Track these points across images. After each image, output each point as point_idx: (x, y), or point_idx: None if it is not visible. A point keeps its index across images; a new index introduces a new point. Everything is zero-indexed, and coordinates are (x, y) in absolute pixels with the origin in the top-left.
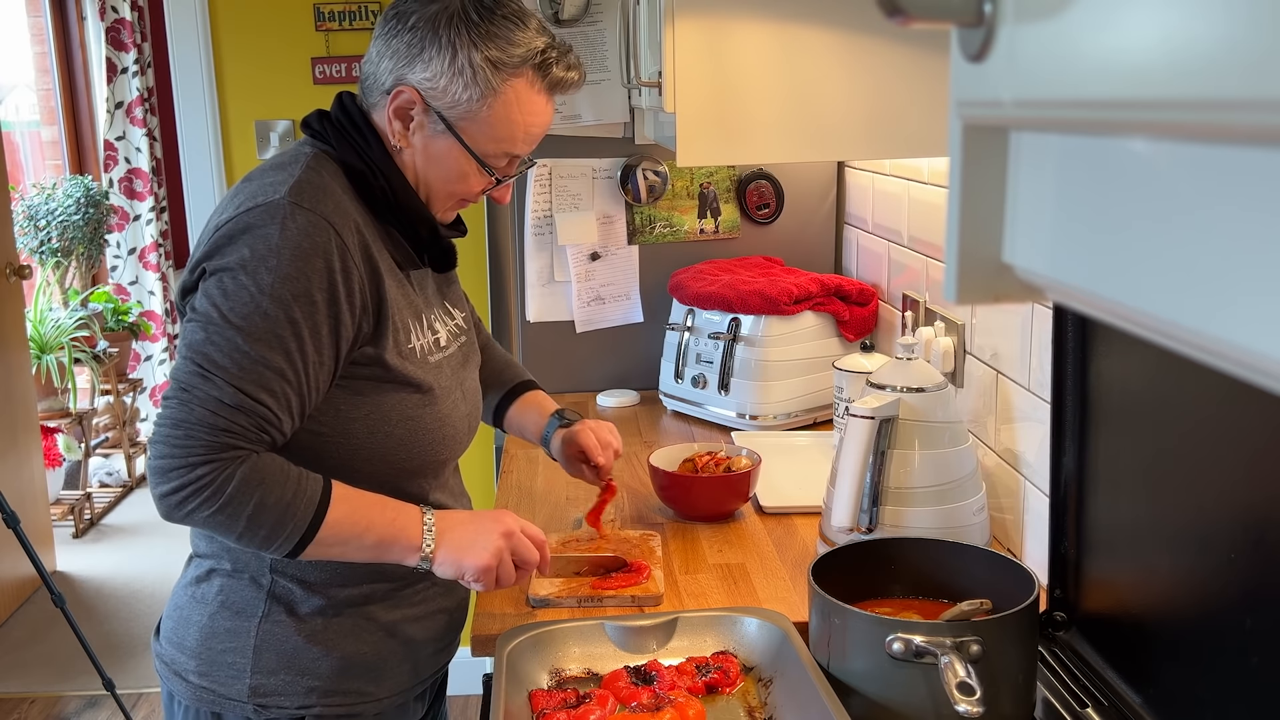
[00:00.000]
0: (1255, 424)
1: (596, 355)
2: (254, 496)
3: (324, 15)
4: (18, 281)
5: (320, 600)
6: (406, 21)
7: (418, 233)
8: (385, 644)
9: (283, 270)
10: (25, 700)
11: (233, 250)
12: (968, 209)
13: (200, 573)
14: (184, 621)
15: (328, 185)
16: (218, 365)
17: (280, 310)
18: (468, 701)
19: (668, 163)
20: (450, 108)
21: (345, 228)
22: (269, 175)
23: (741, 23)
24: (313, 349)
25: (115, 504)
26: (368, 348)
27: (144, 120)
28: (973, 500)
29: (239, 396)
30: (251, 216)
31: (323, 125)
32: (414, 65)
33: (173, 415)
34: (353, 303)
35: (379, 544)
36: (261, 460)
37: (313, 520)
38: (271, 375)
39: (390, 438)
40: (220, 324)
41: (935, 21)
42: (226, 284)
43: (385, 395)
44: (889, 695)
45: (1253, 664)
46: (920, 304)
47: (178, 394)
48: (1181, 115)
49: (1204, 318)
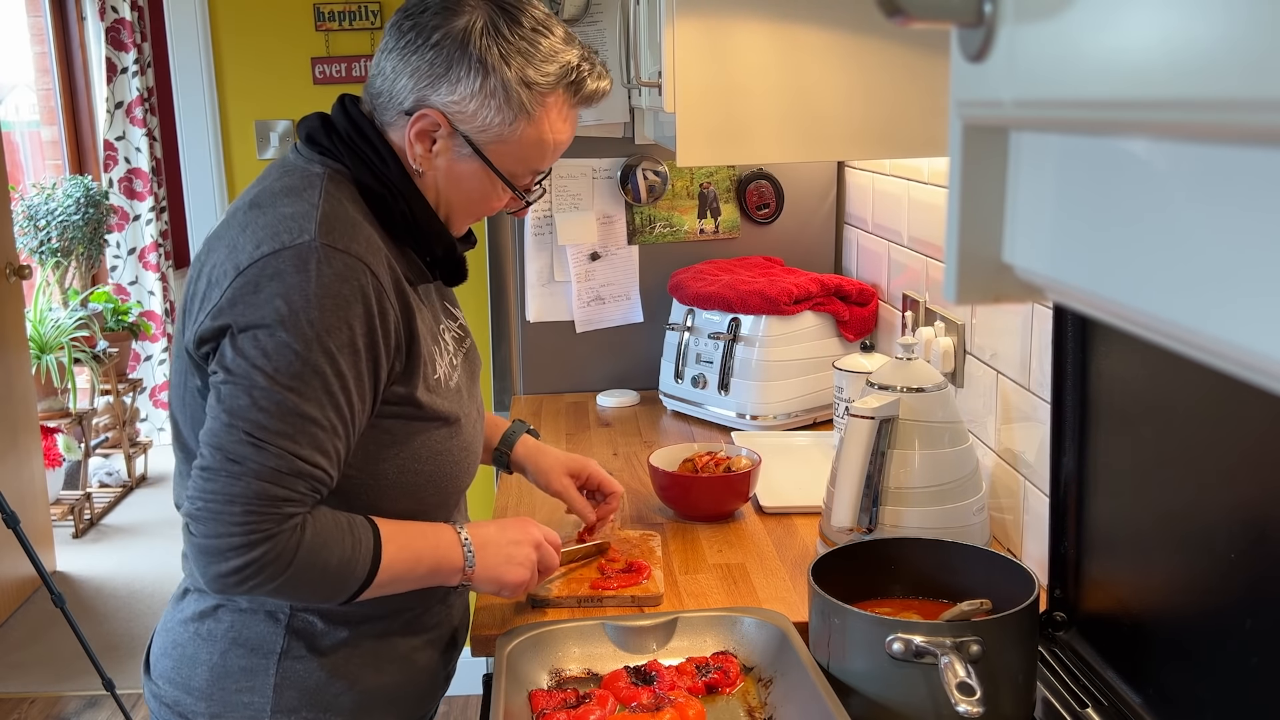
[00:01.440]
0: (1255, 424)
1: (596, 355)
2: (318, 562)
3: (324, 15)
4: (18, 281)
5: (344, 633)
6: (428, 36)
7: (433, 251)
8: (402, 672)
9: (325, 322)
10: (25, 700)
11: (263, 302)
12: (968, 209)
13: (204, 608)
14: (188, 660)
15: (353, 217)
16: (270, 431)
17: (327, 364)
18: (468, 701)
19: (668, 163)
20: (480, 131)
21: (379, 265)
22: (284, 205)
23: (741, 23)
24: (357, 397)
25: (115, 504)
26: (398, 387)
27: (144, 120)
28: (973, 500)
29: (296, 463)
30: (280, 262)
31: (330, 140)
32: (438, 86)
33: (224, 490)
34: (389, 344)
35: (428, 574)
36: (317, 521)
37: (371, 569)
38: (325, 435)
39: (420, 474)
40: (266, 387)
41: (935, 21)
42: (265, 342)
43: (415, 435)
44: (889, 695)
45: (1253, 664)
46: (920, 304)
47: (225, 466)
48: (1181, 115)
49: (1204, 318)
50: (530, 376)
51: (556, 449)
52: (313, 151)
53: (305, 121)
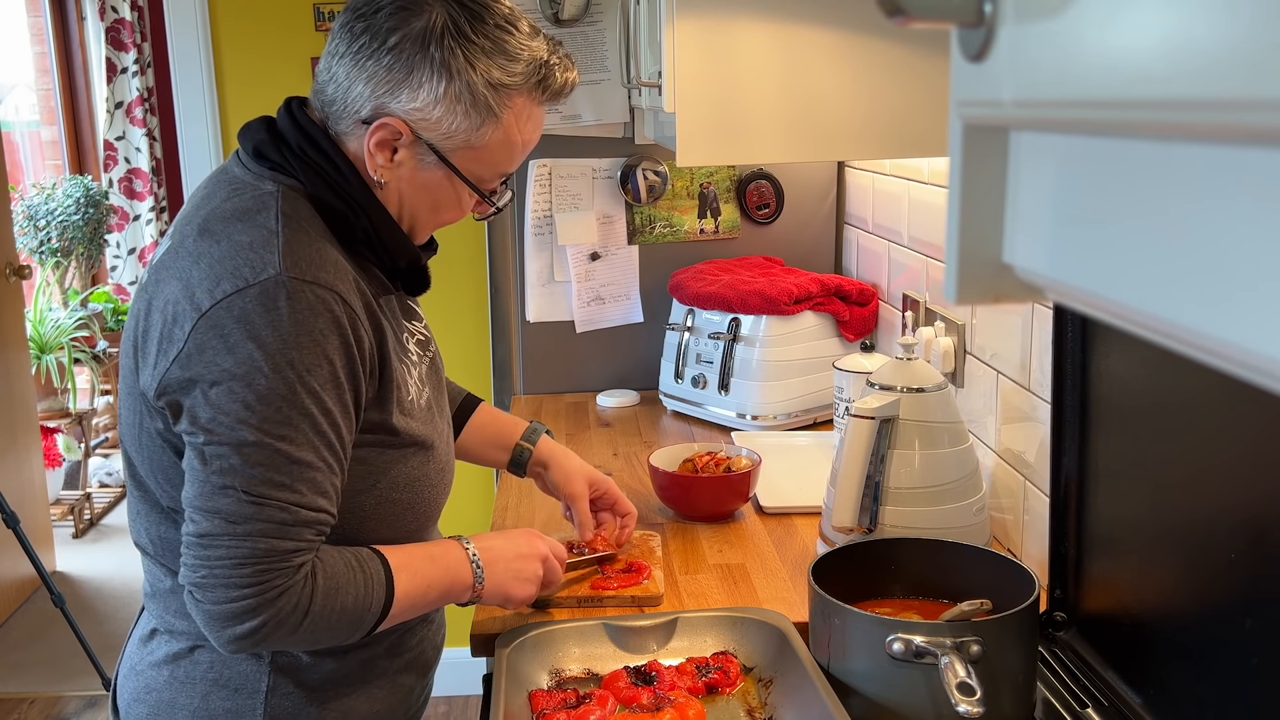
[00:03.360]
0: (1255, 424)
1: (596, 355)
2: (334, 605)
3: (324, 15)
4: (18, 281)
5: (331, 665)
6: (384, 40)
7: (396, 264)
8: (391, 694)
9: (304, 361)
10: (25, 700)
11: (234, 349)
12: (968, 209)
13: (177, 650)
14: (164, 706)
15: (316, 241)
16: (269, 485)
17: (313, 404)
18: (468, 701)
19: (668, 163)
20: (445, 138)
21: (349, 290)
22: (239, 233)
23: (741, 23)
24: (345, 430)
25: (115, 504)
26: (371, 413)
27: (144, 120)
28: (973, 500)
29: (300, 513)
30: (245, 302)
31: (282, 154)
32: (398, 93)
33: (230, 555)
34: (364, 369)
35: (440, 597)
36: (326, 564)
37: (385, 603)
38: (323, 476)
39: (398, 504)
40: (256, 441)
41: (935, 21)
42: (243, 394)
43: (392, 465)
44: (889, 695)
45: (1253, 664)
46: (920, 304)
47: (227, 529)
48: (1182, 115)
49: (1204, 318)
50: (530, 376)
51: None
52: (262, 167)
53: (249, 131)
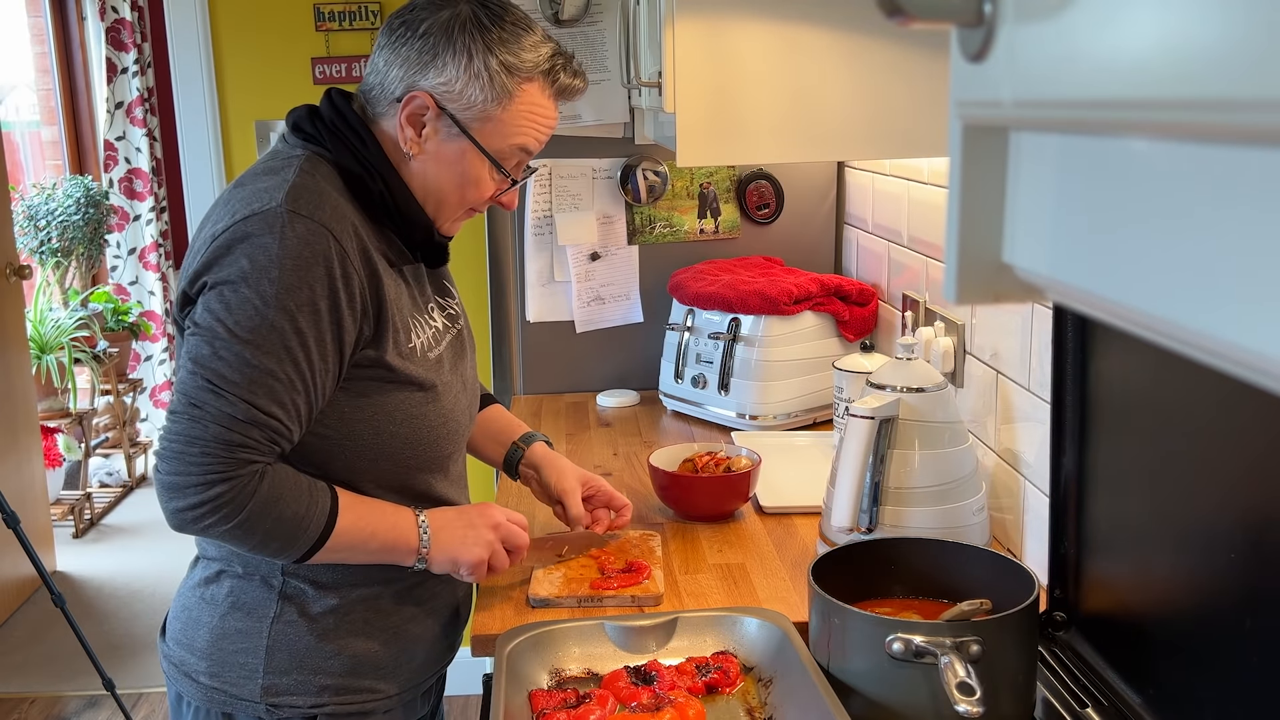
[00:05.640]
0: (1255, 424)
1: (596, 355)
2: (271, 512)
3: (324, 15)
4: (18, 281)
5: (333, 600)
6: (417, 29)
7: (413, 233)
8: (395, 641)
9: (285, 280)
10: (25, 700)
11: (231, 261)
12: (968, 209)
13: (209, 574)
14: (193, 623)
15: (323, 189)
16: (227, 380)
17: (286, 321)
18: (468, 701)
19: (668, 163)
20: (465, 109)
21: (344, 232)
22: (261, 181)
23: (741, 23)
24: (318, 357)
25: (115, 504)
26: (369, 350)
27: (144, 120)
28: (973, 500)
29: (251, 411)
30: (249, 225)
31: (315, 127)
32: (427, 71)
33: (185, 431)
34: (354, 308)
35: (381, 549)
36: (276, 474)
37: (324, 530)
38: (281, 387)
39: (396, 437)
40: (226, 338)
41: (935, 21)
42: (229, 297)
43: (389, 396)
44: (889, 695)
45: (1253, 664)
46: (920, 304)
47: (187, 409)
48: (1182, 115)
49: (1204, 318)
50: (530, 376)
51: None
52: (297, 139)
53: (293, 112)
